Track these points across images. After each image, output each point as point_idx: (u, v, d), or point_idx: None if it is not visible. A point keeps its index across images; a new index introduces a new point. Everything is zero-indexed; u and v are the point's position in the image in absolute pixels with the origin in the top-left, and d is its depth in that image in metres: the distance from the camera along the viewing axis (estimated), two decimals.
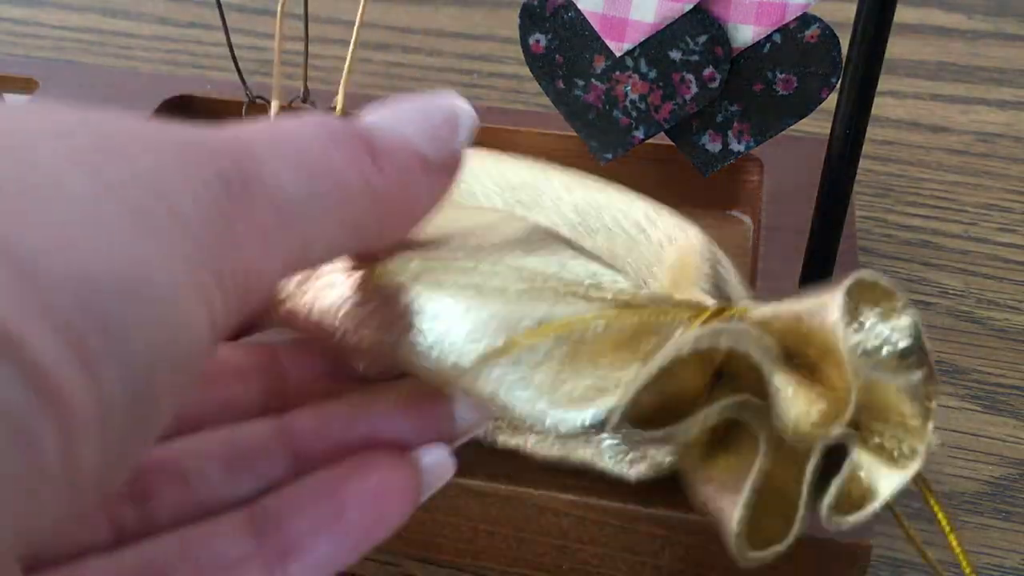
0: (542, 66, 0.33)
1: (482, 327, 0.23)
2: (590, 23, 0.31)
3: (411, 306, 0.23)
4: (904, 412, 0.23)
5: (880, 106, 0.51)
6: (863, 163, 0.32)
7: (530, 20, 0.32)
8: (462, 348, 0.23)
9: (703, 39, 0.30)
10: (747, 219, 0.42)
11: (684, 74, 0.30)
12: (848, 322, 0.22)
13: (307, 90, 0.40)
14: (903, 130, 0.50)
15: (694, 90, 0.30)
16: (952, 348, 0.38)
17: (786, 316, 0.23)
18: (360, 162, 0.19)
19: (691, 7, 0.30)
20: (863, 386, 0.23)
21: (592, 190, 0.33)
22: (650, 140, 0.35)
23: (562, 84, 0.33)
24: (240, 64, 0.39)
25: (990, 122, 0.51)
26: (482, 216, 0.28)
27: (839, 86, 0.30)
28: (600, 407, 0.23)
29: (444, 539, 0.30)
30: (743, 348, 0.22)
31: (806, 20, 0.30)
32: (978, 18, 0.60)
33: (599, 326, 0.24)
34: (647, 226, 0.32)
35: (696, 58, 0.30)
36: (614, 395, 0.23)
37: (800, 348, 0.23)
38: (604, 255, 0.31)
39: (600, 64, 0.32)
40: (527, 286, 0.24)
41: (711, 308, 0.25)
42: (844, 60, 0.30)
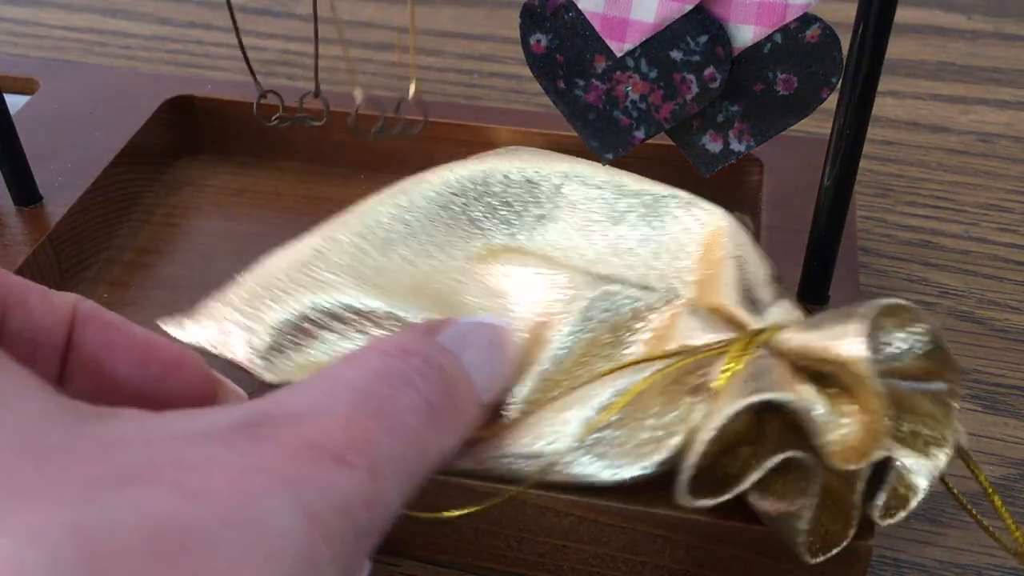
0: (543, 66, 0.33)
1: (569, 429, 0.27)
2: (591, 23, 0.31)
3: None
4: (931, 412, 0.25)
5: (880, 106, 0.51)
6: (863, 163, 0.32)
7: (531, 20, 0.32)
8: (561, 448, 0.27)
9: (704, 39, 0.30)
10: (747, 219, 0.42)
11: (685, 74, 0.30)
12: (874, 349, 0.24)
13: (318, 85, 0.40)
14: (903, 130, 0.50)
15: (695, 90, 0.30)
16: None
17: (815, 349, 0.24)
18: (440, 419, 0.21)
19: (691, 7, 0.30)
20: (894, 394, 0.24)
21: (614, 173, 0.35)
22: (650, 140, 0.35)
23: (563, 84, 0.33)
24: (241, 64, 0.39)
25: (990, 122, 0.51)
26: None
27: (839, 86, 0.30)
28: (663, 455, 0.26)
29: (444, 539, 0.30)
30: (785, 399, 0.24)
31: (807, 20, 0.30)
32: (978, 18, 0.59)
33: (652, 383, 0.27)
34: (674, 208, 0.33)
35: (697, 58, 0.30)
36: (671, 439, 0.26)
37: (831, 371, 0.25)
38: (631, 261, 0.33)
39: (601, 64, 0.32)
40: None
41: (745, 338, 0.26)
42: (844, 60, 0.30)
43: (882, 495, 0.25)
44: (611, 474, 0.27)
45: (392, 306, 0.32)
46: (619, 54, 0.31)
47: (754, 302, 0.29)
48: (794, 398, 0.23)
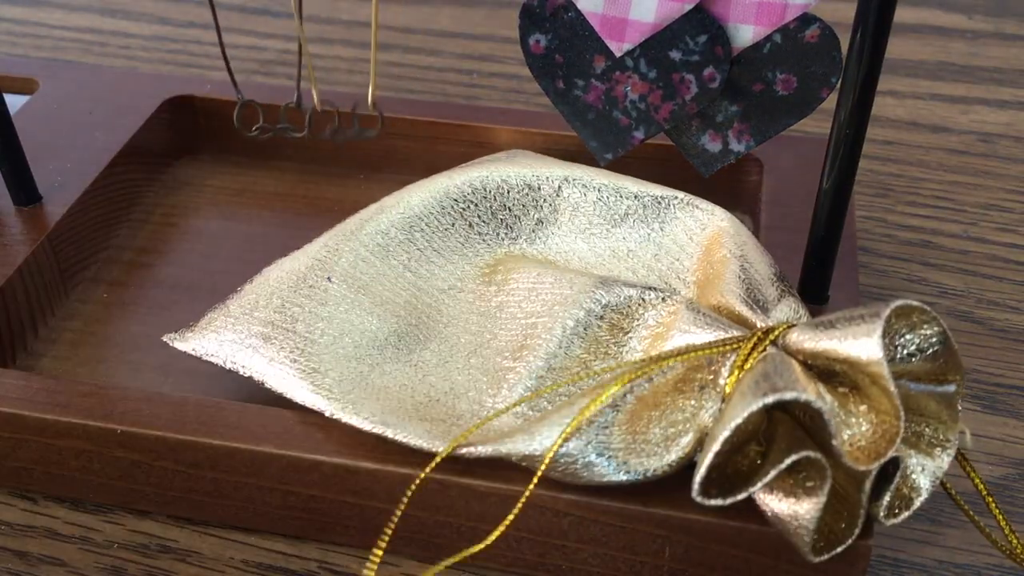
0: (542, 66, 0.33)
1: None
2: (590, 23, 0.31)
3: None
4: (938, 414, 0.25)
5: (880, 106, 0.51)
6: (863, 163, 0.32)
7: (530, 20, 0.32)
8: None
9: (703, 39, 0.30)
10: (747, 219, 0.42)
11: (684, 74, 0.30)
12: (889, 349, 0.24)
13: (300, 95, 0.40)
14: (903, 130, 0.50)
15: (694, 90, 0.30)
16: None
17: (829, 348, 0.25)
18: None
19: (691, 7, 0.30)
20: (903, 395, 0.24)
21: (613, 176, 0.35)
22: (650, 140, 0.35)
23: (562, 84, 0.33)
24: (240, 64, 0.39)
25: (990, 122, 0.51)
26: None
27: (839, 86, 0.30)
28: (674, 454, 0.26)
29: (444, 539, 0.30)
30: (805, 399, 0.24)
31: (806, 20, 0.30)
32: (978, 18, 0.60)
33: (656, 375, 0.27)
34: (674, 209, 0.33)
35: (696, 58, 0.30)
36: (683, 437, 0.26)
37: (843, 370, 0.25)
38: (631, 263, 0.33)
39: (600, 64, 0.32)
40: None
41: (755, 335, 0.26)
42: (844, 60, 0.30)
43: (887, 495, 0.25)
44: (622, 473, 0.27)
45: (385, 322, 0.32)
46: (618, 54, 0.31)
47: (758, 301, 0.29)
48: (813, 398, 0.23)
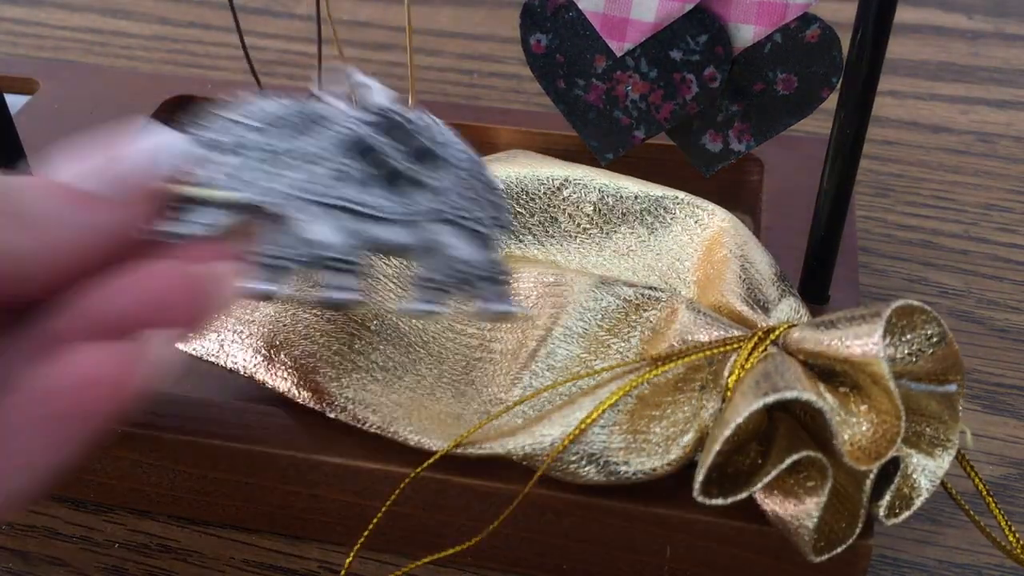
0: (543, 66, 0.33)
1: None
2: (591, 23, 0.31)
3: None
4: (938, 413, 0.25)
5: (880, 106, 0.51)
6: (863, 163, 0.32)
7: (531, 20, 0.32)
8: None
9: (703, 39, 0.30)
10: (747, 219, 0.42)
11: (685, 74, 0.30)
12: (890, 351, 0.24)
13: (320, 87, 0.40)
14: (903, 130, 0.50)
15: (695, 90, 0.30)
16: None
17: (830, 348, 0.25)
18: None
19: (691, 6, 0.30)
20: (904, 394, 0.24)
21: (613, 176, 0.35)
22: (650, 140, 0.35)
23: (563, 84, 0.33)
24: (241, 64, 0.39)
25: (990, 122, 0.51)
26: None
27: (839, 86, 0.30)
28: (675, 453, 0.26)
29: (445, 539, 0.30)
30: (806, 398, 0.24)
31: (807, 20, 0.30)
32: (978, 18, 0.60)
33: (654, 378, 0.27)
34: (674, 209, 0.33)
35: (697, 58, 0.30)
36: (683, 437, 0.26)
37: (844, 370, 0.25)
38: (631, 263, 0.33)
39: (601, 64, 0.32)
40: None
41: (756, 335, 0.26)
42: (844, 60, 0.30)
43: (888, 495, 0.25)
44: (623, 472, 0.26)
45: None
46: (619, 54, 0.31)
47: (758, 300, 0.29)
48: (814, 398, 0.23)
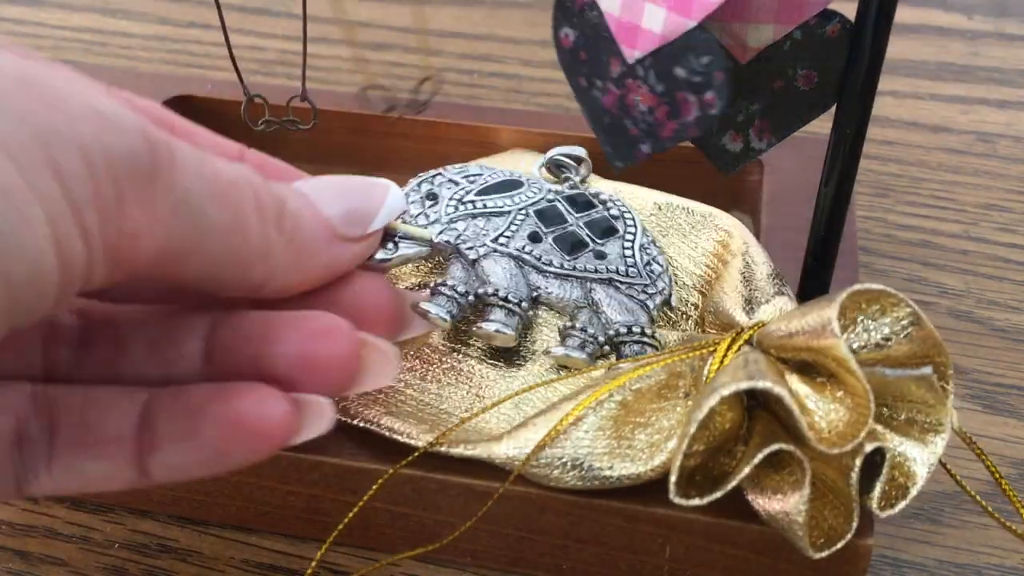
0: (569, 61, 0.33)
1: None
2: (608, 25, 0.31)
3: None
4: (923, 397, 0.24)
5: (880, 106, 0.51)
6: (863, 163, 0.32)
7: (562, 13, 0.32)
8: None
9: (705, 60, 0.29)
10: (747, 219, 0.42)
11: (687, 94, 0.30)
12: (851, 330, 0.24)
13: (305, 89, 0.40)
14: (903, 130, 0.50)
15: (695, 112, 0.30)
16: (952, 348, 0.38)
17: (793, 339, 0.25)
18: (265, 213, 0.22)
19: (694, 24, 0.29)
20: (881, 381, 0.24)
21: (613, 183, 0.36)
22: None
23: (584, 82, 0.33)
24: (240, 64, 0.39)
25: (990, 122, 0.51)
26: None
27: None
28: (660, 458, 0.26)
29: (443, 539, 0.30)
30: (762, 386, 0.24)
31: (826, 15, 0.30)
32: (978, 18, 0.60)
33: (639, 381, 0.27)
34: (677, 215, 0.33)
35: (699, 79, 0.29)
36: (668, 443, 0.26)
37: (817, 359, 0.25)
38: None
39: (616, 68, 0.31)
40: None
41: (730, 336, 0.26)
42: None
43: (878, 485, 0.25)
44: (607, 478, 0.27)
45: None
46: (630, 61, 0.31)
47: (758, 301, 0.29)
48: (770, 385, 0.23)
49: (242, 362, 0.23)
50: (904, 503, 0.25)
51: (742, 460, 0.25)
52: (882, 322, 0.24)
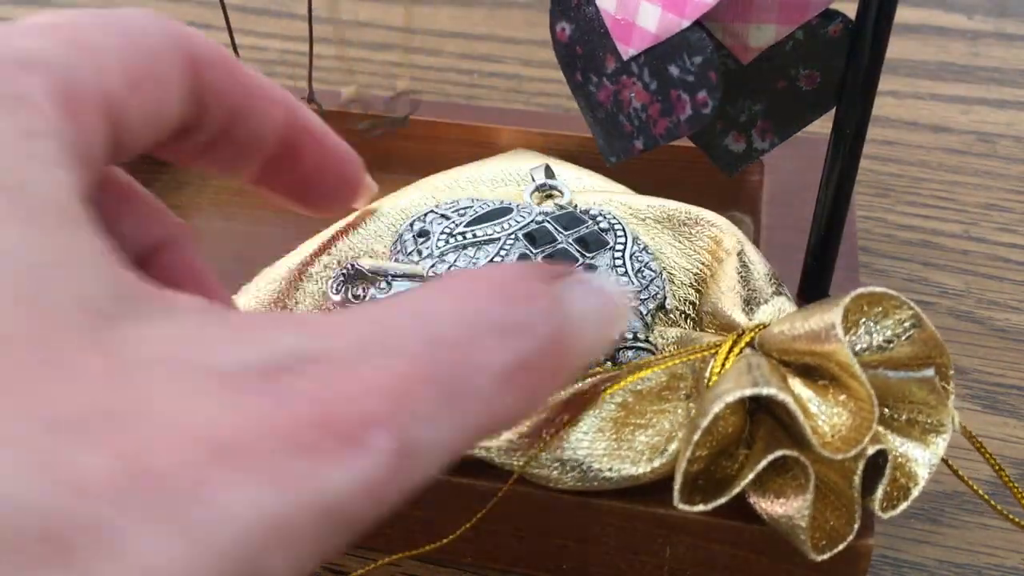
0: (565, 55, 0.33)
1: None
2: (604, 21, 0.31)
3: None
4: (925, 399, 0.24)
5: (880, 106, 0.51)
6: (863, 163, 0.32)
7: (559, 6, 0.32)
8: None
9: (698, 60, 0.29)
10: (747, 219, 0.42)
11: (680, 92, 0.30)
12: (853, 332, 0.24)
13: (312, 90, 0.40)
14: (903, 130, 0.50)
15: (688, 111, 0.30)
16: (952, 348, 0.38)
17: (796, 343, 0.25)
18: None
19: (688, 24, 0.29)
20: (883, 384, 0.24)
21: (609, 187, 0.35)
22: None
23: (580, 77, 0.33)
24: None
25: (990, 122, 0.51)
26: None
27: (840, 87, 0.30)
28: (662, 459, 0.26)
29: (444, 539, 0.30)
30: (767, 393, 0.23)
31: (828, 15, 0.30)
32: (978, 18, 0.60)
33: (640, 383, 0.27)
34: (671, 216, 0.33)
35: (691, 78, 0.29)
36: (668, 445, 0.26)
37: (820, 363, 0.25)
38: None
39: (611, 64, 0.31)
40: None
41: (731, 338, 0.26)
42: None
43: (881, 487, 0.25)
44: (607, 480, 0.27)
45: None
46: (624, 58, 0.31)
47: (756, 302, 0.29)
48: (775, 391, 0.23)
49: None
50: (906, 504, 0.25)
51: (745, 464, 0.25)
52: (884, 324, 0.24)
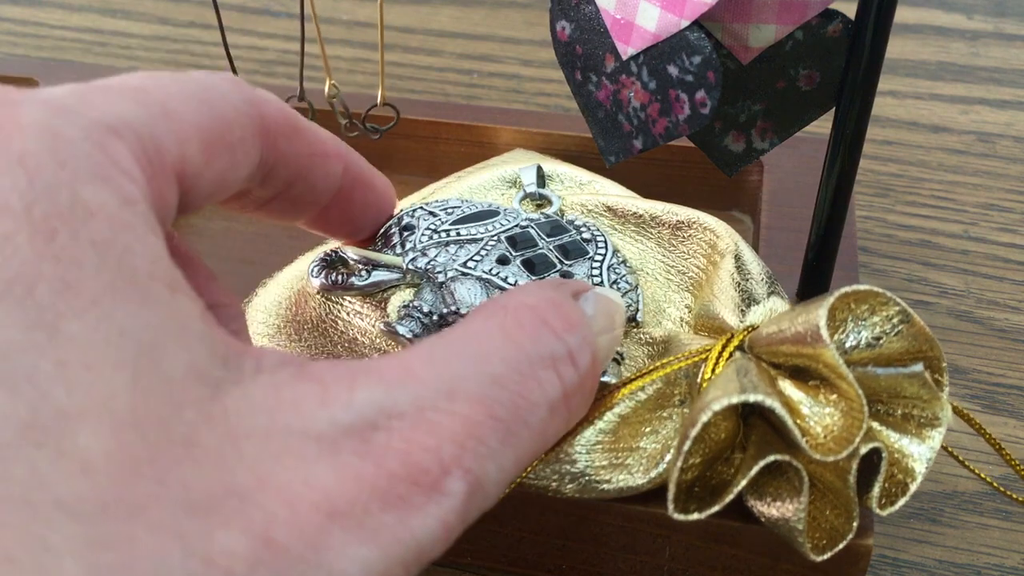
0: (565, 54, 0.33)
1: None
2: (603, 20, 0.31)
3: None
4: (917, 393, 0.24)
5: (880, 106, 0.51)
6: (863, 163, 0.32)
7: (559, 5, 0.32)
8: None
9: (697, 60, 0.29)
10: (747, 219, 0.42)
11: (679, 92, 0.30)
12: (841, 331, 0.24)
13: (303, 89, 0.40)
14: (903, 130, 0.50)
15: (687, 111, 0.30)
16: (952, 348, 0.38)
17: (783, 344, 0.25)
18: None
19: (687, 23, 0.29)
20: (874, 381, 0.24)
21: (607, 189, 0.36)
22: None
23: (579, 76, 0.33)
24: (240, 64, 0.39)
25: (990, 122, 0.51)
26: None
27: (840, 86, 0.30)
28: (658, 469, 0.26)
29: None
30: (754, 399, 0.23)
31: (828, 15, 0.30)
32: (978, 18, 0.60)
33: (636, 392, 0.27)
34: (660, 218, 0.34)
35: (690, 78, 0.29)
36: (666, 454, 0.26)
37: (808, 364, 0.25)
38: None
39: (610, 64, 0.31)
40: None
41: (720, 342, 0.27)
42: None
43: (877, 484, 0.25)
44: (605, 491, 0.27)
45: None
46: (624, 57, 0.31)
47: (745, 303, 0.29)
48: (762, 397, 0.23)
49: None
50: (904, 499, 0.25)
51: (740, 469, 0.25)
52: (872, 322, 0.24)
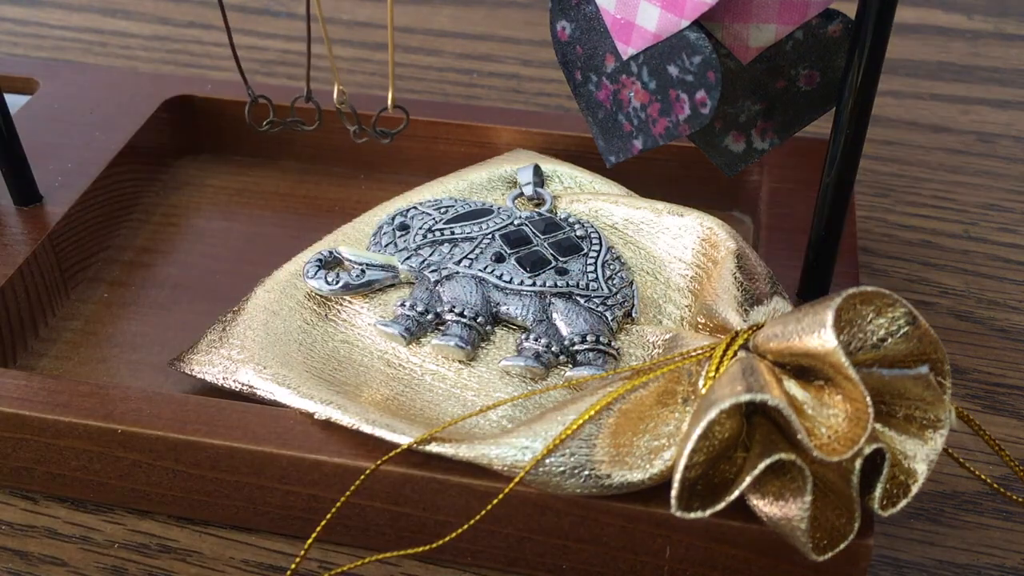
0: (565, 54, 0.33)
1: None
2: (604, 21, 0.31)
3: None
4: (921, 395, 0.24)
5: (880, 106, 0.51)
6: (863, 163, 0.32)
7: (559, 5, 0.32)
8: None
9: (697, 60, 0.29)
10: (747, 219, 0.42)
11: (680, 92, 0.30)
12: (847, 331, 0.24)
13: (310, 90, 0.40)
14: (903, 130, 0.50)
15: (687, 111, 0.30)
16: (952, 348, 0.38)
17: (789, 344, 0.25)
18: None
19: (687, 24, 0.29)
20: (879, 381, 0.24)
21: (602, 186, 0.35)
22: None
23: (579, 76, 0.33)
24: (242, 64, 0.39)
25: (990, 122, 0.51)
26: None
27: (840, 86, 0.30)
28: (659, 466, 0.26)
29: (445, 539, 0.30)
30: (760, 399, 0.24)
31: (828, 15, 0.30)
32: (978, 18, 0.60)
33: (638, 389, 0.27)
34: (660, 218, 0.34)
35: (690, 78, 0.29)
36: (667, 450, 0.26)
37: (814, 364, 0.25)
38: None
39: (611, 64, 0.31)
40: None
41: (725, 341, 0.27)
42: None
43: (879, 485, 0.25)
44: (605, 486, 0.27)
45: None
46: (624, 57, 0.31)
47: (747, 303, 0.29)
48: (767, 397, 0.23)
49: None
50: (906, 501, 0.25)
51: (743, 469, 0.25)
52: (878, 323, 0.24)
